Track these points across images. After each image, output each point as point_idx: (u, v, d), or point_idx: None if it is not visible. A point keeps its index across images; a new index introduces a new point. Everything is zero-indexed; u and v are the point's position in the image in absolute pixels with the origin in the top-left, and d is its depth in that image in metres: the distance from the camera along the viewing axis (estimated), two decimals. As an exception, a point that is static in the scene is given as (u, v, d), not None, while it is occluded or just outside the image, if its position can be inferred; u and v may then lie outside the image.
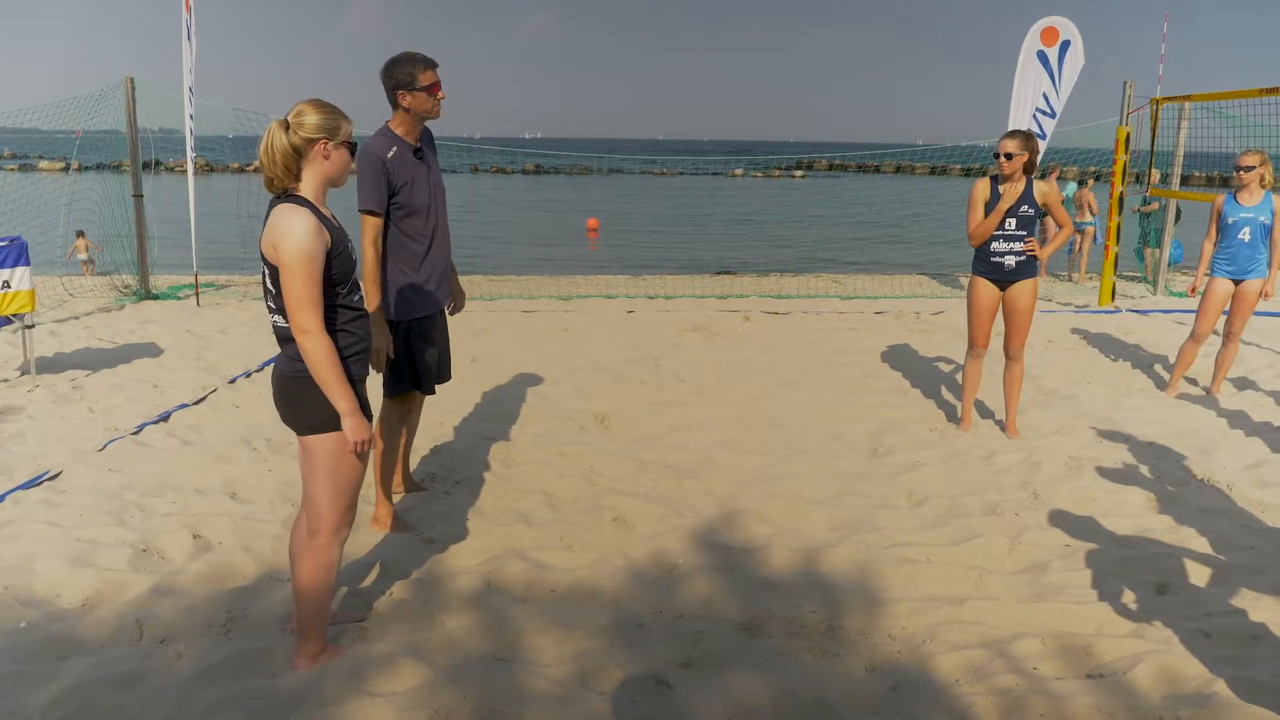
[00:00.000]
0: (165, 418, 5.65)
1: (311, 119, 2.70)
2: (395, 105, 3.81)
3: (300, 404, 2.77)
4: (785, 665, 3.03)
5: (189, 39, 9.37)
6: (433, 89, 3.78)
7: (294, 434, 2.87)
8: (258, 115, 10.70)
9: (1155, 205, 11.73)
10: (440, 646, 3.13)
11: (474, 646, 3.13)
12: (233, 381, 6.53)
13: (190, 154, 9.80)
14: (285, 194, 2.71)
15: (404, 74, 3.75)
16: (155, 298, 10.12)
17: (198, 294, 9.96)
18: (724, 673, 2.98)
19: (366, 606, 3.40)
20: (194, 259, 9.95)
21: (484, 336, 8.34)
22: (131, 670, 2.93)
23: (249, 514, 4.21)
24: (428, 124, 3.98)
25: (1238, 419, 5.90)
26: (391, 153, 3.74)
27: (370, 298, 3.72)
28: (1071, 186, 13.86)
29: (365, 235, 3.75)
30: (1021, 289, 5.38)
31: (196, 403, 6.01)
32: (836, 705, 2.83)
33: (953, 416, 5.93)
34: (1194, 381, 6.86)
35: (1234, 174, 6.31)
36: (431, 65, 3.79)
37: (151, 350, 7.44)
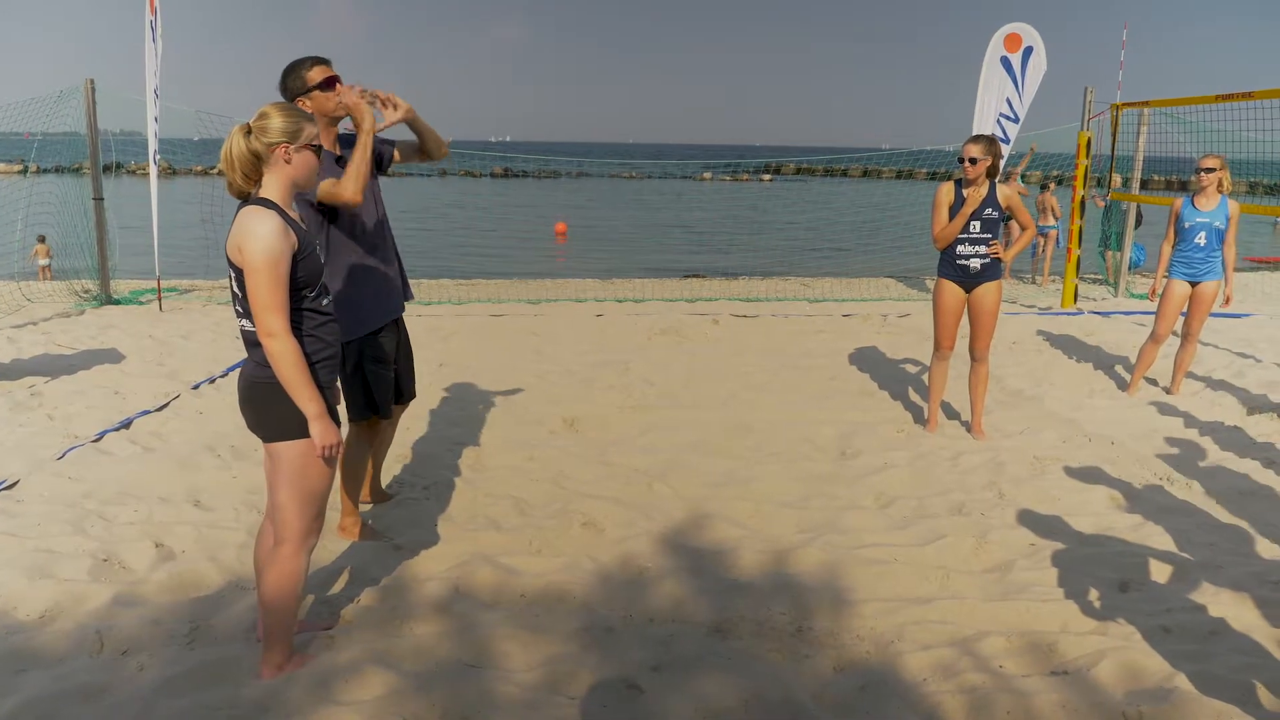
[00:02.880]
0: (127, 424, 5.56)
1: (273, 123, 2.67)
2: None
3: (267, 410, 2.73)
4: (755, 667, 3.04)
5: (154, 40, 9.24)
6: (326, 84, 3.54)
7: (260, 440, 2.84)
8: (222, 118, 10.58)
9: (1101, 203, 11.93)
10: (408, 654, 3.10)
11: (442, 653, 3.11)
12: (196, 387, 6.44)
13: (153, 156, 9.67)
14: (252, 197, 2.69)
15: (296, 81, 3.54)
16: (116, 303, 9.96)
17: (160, 299, 9.82)
18: (694, 675, 2.99)
19: (334, 614, 3.36)
20: (156, 263, 9.80)
21: (452, 341, 8.30)
22: (92, 683, 2.88)
23: (213, 522, 4.16)
24: (346, 131, 3.73)
25: (1196, 419, 6.01)
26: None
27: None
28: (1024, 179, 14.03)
29: (326, 187, 3.48)
30: (986, 291, 5.45)
31: (159, 409, 5.92)
32: (806, 706, 2.84)
33: (919, 418, 5.99)
34: (1154, 382, 6.98)
35: (1194, 176, 6.44)
36: (321, 61, 3.57)
37: (113, 356, 7.32)
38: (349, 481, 4.01)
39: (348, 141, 3.73)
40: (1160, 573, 3.77)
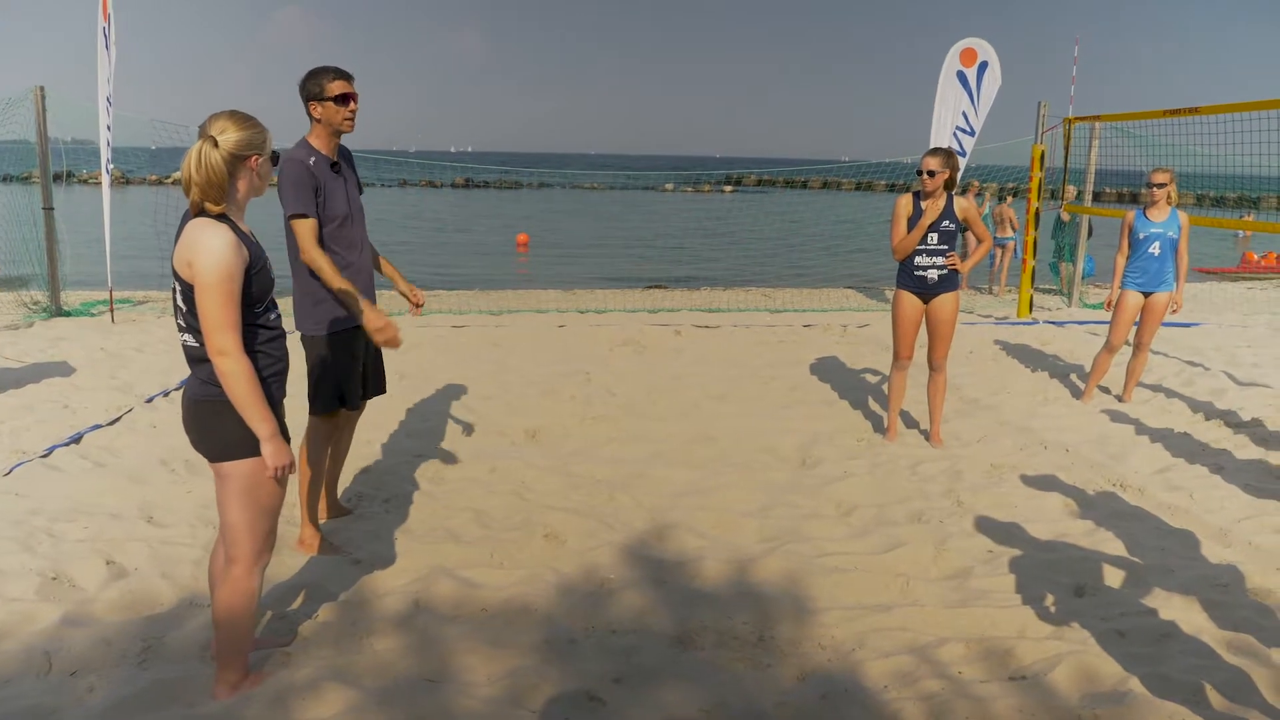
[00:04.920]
0: (77, 439, 5.44)
1: (241, 134, 2.59)
2: (310, 118, 3.79)
3: (214, 428, 2.66)
4: (717, 677, 3.04)
5: (107, 47, 9.09)
6: (342, 99, 3.73)
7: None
8: (177, 127, 10.43)
9: (1066, 216, 12.16)
10: (368, 669, 3.06)
11: (402, 668, 3.08)
12: (150, 401, 6.32)
13: (106, 165, 9.50)
14: (203, 208, 2.61)
15: (314, 85, 3.72)
16: (67, 314, 9.74)
17: (113, 310, 9.63)
18: (656, 686, 2.98)
19: (290, 631, 3.31)
20: (109, 274, 9.62)
21: (413, 353, 8.23)
22: (40, 705, 2.80)
23: (167, 538, 4.07)
24: (346, 144, 3.93)
25: (1148, 425, 6.13)
26: (312, 160, 3.73)
27: (344, 288, 3.68)
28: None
29: (305, 240, 3.67)
30: (944, 301, 5.52)
31: (111, 423, 5.80)
32: (768, 715, 2.85)
33: (879, 427, 6.04)
34: (1107, 390, 7.11)
35: (1144, 190, 6.58)
36: (343, 76, 3.75)
37: (63, 369, 7.16)
38: (310, 489, 3.98)
39: (344, 153, 3.94)
40: (1114, 577, 3.84)
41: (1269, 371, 7.73)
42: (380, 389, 4.26)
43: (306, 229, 3.69)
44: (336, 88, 3.72)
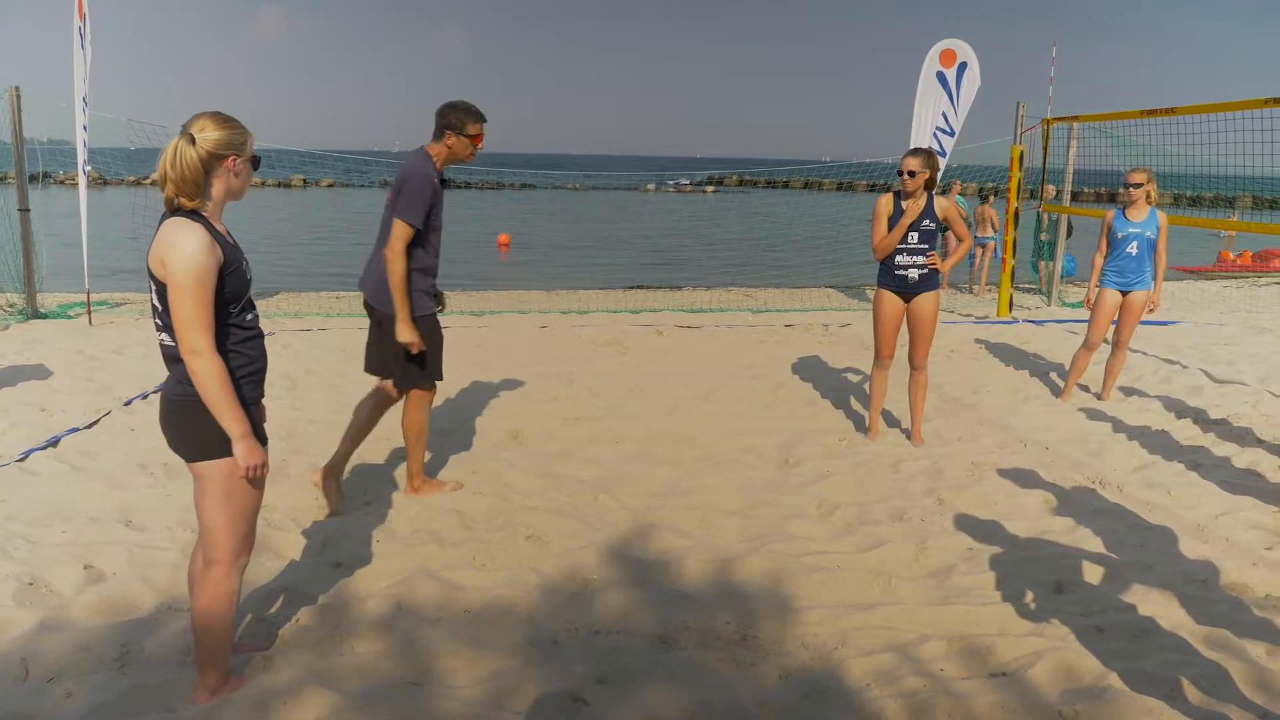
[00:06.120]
0: (54, 443, 5.38)
1: (221, 134, 2.60)
2: (439, 138, 4.31)
3: (190, 429, 2.65)
4: (700, 677, 3.05)
5: (83, 47, 9.01)
6: (475, 139, 4.33)
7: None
8: (155, 127, 10.34)
9: (1044, 219, 12.27)
10: (349, 673, 3.05)
11: (384, 671, 3.06)
12: (128, 404, 6.27)
13: (83, 166, 9.40)
14: (178, 208, 2.61)
15: (457, 119, 4.28)
16: (43, 316, 9.64)
17: (90, 312, 9.54)
18: (640, 687, 2.98)
19: (270, 634, 3.29)
20: (86, 275, 9.52)
21: (394, 353, 8.19)
22: (16, 712, 2.77)
23: (145, 542, 4.04)
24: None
25: (1126, 423, 6.19)
26: (436, 178, 4.27)
27: (401, 302, 4.22)
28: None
29: (399, 242, 4.17)
30: (925, 301, 5.55)
31: (88, 426, 5.74)
32: (751, 714, 2.86)
33: (861, 426, 6.07)
34: (1086, 388, 7.17)
35: (1122, 190, 6.64)
36: (481, 119, 4.34)
37: (39, 372, 7.08)
38: (417, 449, 4.57)
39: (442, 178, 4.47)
40: (1093, 574, 3.87)
41: (1245, 369, 7.82)
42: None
43: (406, 235, 4.18)
44: (474, 129, 4.31)
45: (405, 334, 4.24)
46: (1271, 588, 3.73)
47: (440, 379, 4.59)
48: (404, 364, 4.40)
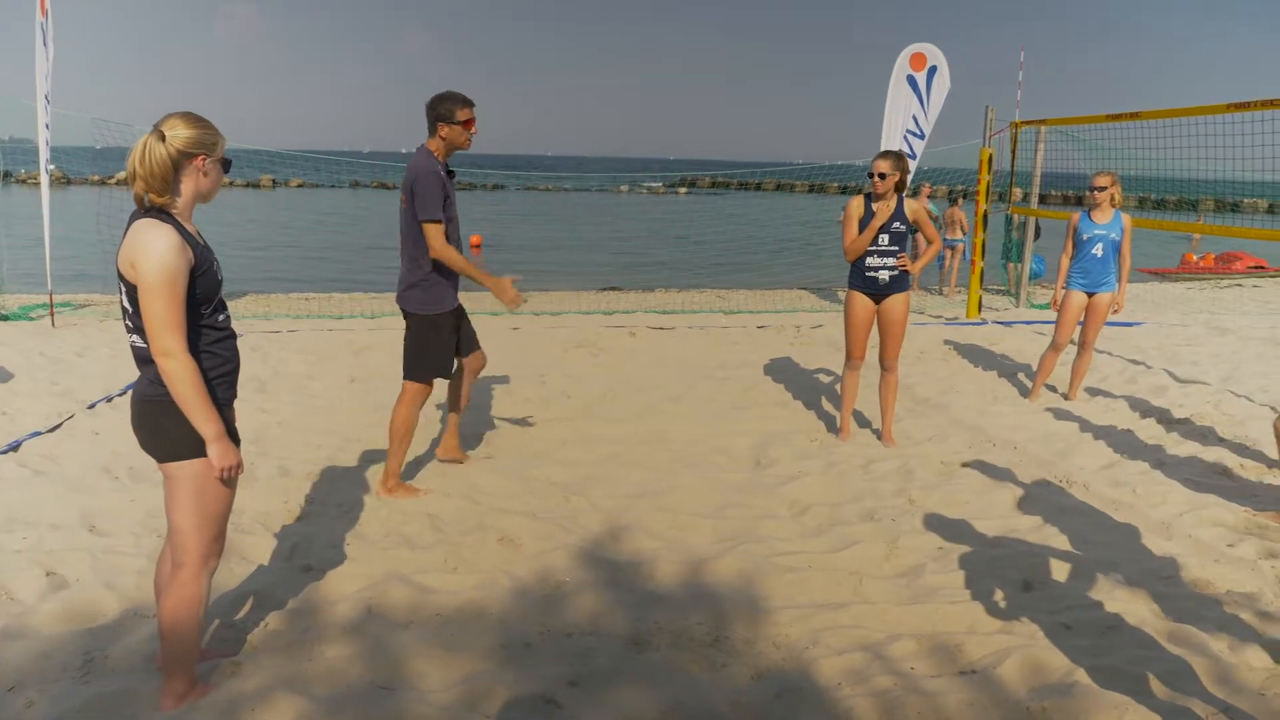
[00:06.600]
0: (15, 447, 5.29)
1: (190, 133, 2.59)
2: (434, 133, 4.44)
3: (161, 429, 2.63)
4: (673, 678, 3.04)
5: (45, 44, 8.87)
6: (467, 124, 4.42)
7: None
8: (121, 125, 10.20)
9: (1016, 220, 12.41)
10: (319, 678, 3.01)
11: (355, 676, 3.04)
12: (92, 407, 6.17)
13: (45, 165, 9.25)
14: (149, 208, 2.58)
15: (446, 109, 4.39)
16: (5, 318, 9.47)
17: (53, 314, 9.38)
18: (612, 689, 2.98)
19: (238, 639, 3.25)
20: (48, 276, 9.36)
21: (365, 355, 8.14)
22: (-25, 720, 2.72)
23: (110, 547, 3.97)
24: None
25: (1092, 423, 6.27)
26: (442, 171, 4.38)
27: (475, 275, 4.49)
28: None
29: (437, 240, 4.36)
30: (895, 302, 5.59)
31: (51, 430, 5.65)
32: (724, 715, 2.86)
33: (832, 427, 6.10)
34: (1053, 388, 7.25)
35: (1087, 193, 6.73)
36: (469, 104, 4.43)
37: (0, 375, 6.96)
38: (398, 448, 4.63)
39: (448, 170, 4.54)
40: (1061, 571, 3.91)
41: (1207, 369, 7.95)
42: (475, 346, 4.93)
43: (438, 232, 4.36)
44: (464, 114, 4.40)
45: (505, 294, 4.52)
46: (1233, 584, 3.79)
47: (442, 376, 4.71)
48: (410, 355, 4.61)
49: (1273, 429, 4.54)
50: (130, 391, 2.72)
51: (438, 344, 4.60)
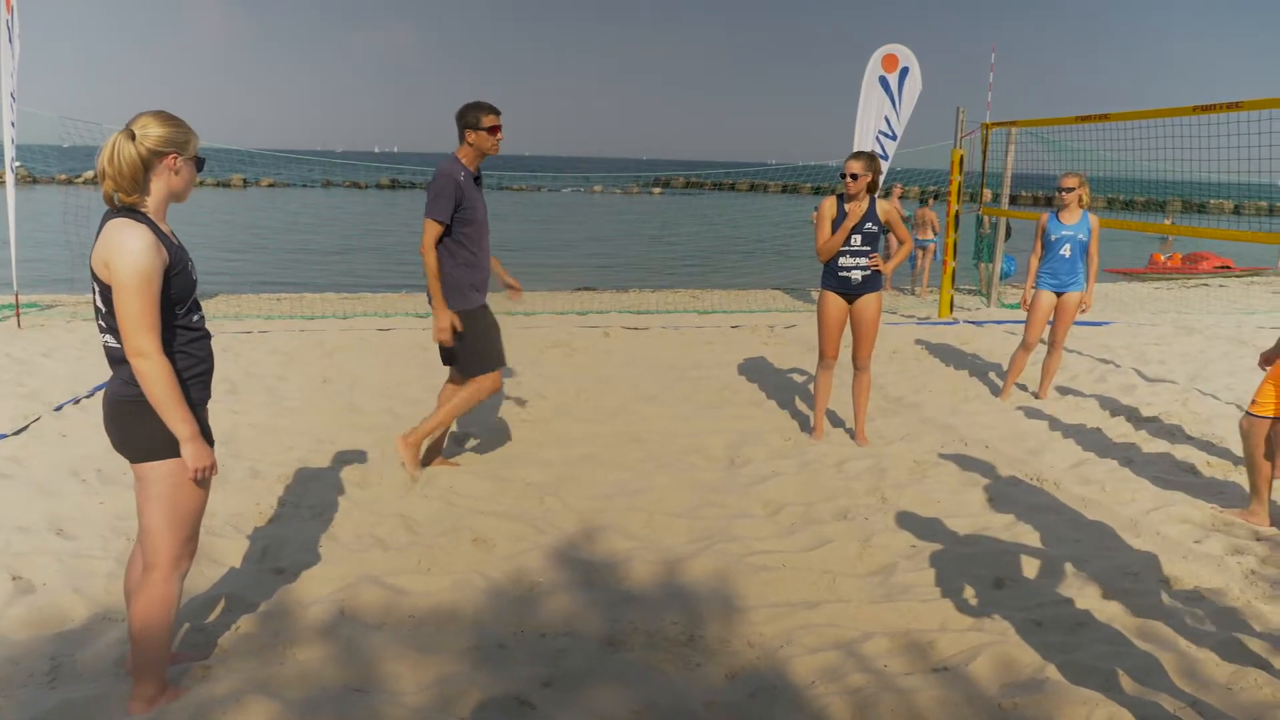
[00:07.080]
0: (-20, 450, 5.20)
1: (161, 131, 2.57)
2: (463, 140, 4.64)
3: (134, 429, 2.60)
4: (647, 678, 3.05)
5: (10, 41, 8.73)
6: (493, 130, 4.63)
7: (128, 463, 2.69)
8: (88, 124, 10.06)
9: (986, 223, 12.53)
10: (291, 681, 2.99)
11: (328, 678, 3.01)
12: (59, 409, 6.08)
13: (10, 164, 9.11)
14: (121, 208, 2.55)
15: (472, 117, 4.60)
16: (-31, 320, 9.32)
17: (19, 314, 9.23)
18: (586, 689, 2.97)
19: (209, 643, 3.22)
20: (14, 277, 9.22)
21: (338, 356, 8.08)
22: (-61, 728, 2.67)
23: (77, 551, 3.92)
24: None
25: (1063, 421, 6.34)
26: (461, 176, 4.55)
27: (434, 290, 4.60)
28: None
29: (428, 238, 4.55)
30: (867, 302, 5.63)
31: (17, 433, 5.56)
32: (699, 714, 2.87)
33: (806, 426, 6.13)
34: (1024, 387, 7.33)
35: (1056, 195, 6.80)
36: (494, 111, 4.64)
37: (-36, 377, 6.84)
38: (443, 416, 4.83)
39: (473, 174, 4.73)
40: (1031, 569, 3.96)
41: (1175, 368, 8.07)
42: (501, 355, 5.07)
43: (432, 231, 4.54)
44: (490, 121, 4.62)
45: (439, 320, 4.60)
46: (1200, 580, 3.85)
47: (497, 366, 4.88)
48: (461, 353, 4.76)
49: (1239, 427, 4.61)
50: (100, 392, 2.69)
51: (473, 336, 4.74)
